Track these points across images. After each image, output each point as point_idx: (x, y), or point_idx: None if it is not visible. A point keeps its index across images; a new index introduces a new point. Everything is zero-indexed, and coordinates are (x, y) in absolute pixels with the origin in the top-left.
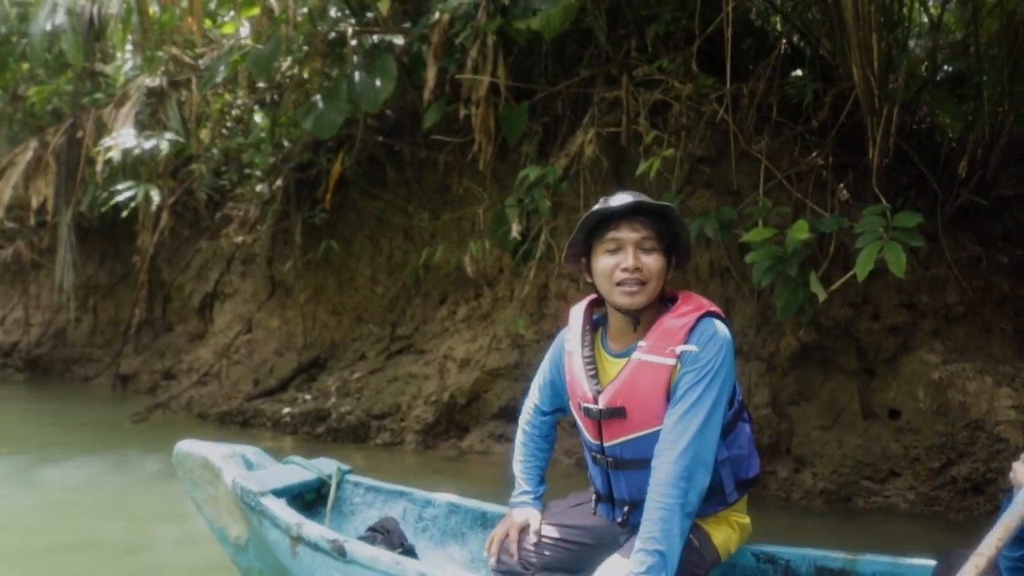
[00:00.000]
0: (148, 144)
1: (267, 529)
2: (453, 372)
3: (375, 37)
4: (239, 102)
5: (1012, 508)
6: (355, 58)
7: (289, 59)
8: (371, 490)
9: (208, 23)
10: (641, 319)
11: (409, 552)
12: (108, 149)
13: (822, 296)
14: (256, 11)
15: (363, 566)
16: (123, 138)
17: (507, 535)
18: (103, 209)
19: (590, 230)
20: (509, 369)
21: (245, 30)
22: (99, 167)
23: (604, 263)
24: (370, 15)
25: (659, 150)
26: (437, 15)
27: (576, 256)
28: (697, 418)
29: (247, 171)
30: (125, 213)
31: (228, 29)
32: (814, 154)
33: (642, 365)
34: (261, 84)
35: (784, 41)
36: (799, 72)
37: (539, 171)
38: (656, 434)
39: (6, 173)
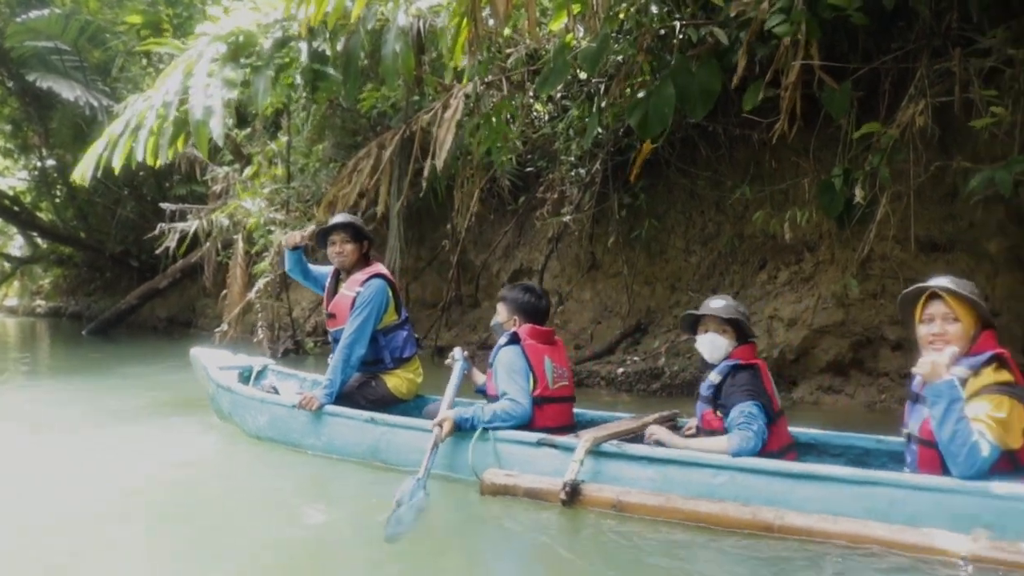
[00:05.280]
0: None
1: (212, 384)
2: (781, 331)
3: (701, 31)
4: (558, 96)
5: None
6: (678, 54)
7: (618, 56)
8: (281, 374)
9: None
10: (350, 272)
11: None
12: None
13: None
14: (581, 8)
15: (237, 394)
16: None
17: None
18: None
19: (322, 235)
20: (836, 327)
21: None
22: (426, 170)
23: (329, 250)
24: (687, 9)
25: (1004, 115)
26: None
27: (321, 245)
28: (356, 322)
29: (562, 158)
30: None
31: (554, 26)
32: None
33: (344, 295)
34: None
35: None
36: None
37: (889, 136)
38: None
39: (353, 177)
